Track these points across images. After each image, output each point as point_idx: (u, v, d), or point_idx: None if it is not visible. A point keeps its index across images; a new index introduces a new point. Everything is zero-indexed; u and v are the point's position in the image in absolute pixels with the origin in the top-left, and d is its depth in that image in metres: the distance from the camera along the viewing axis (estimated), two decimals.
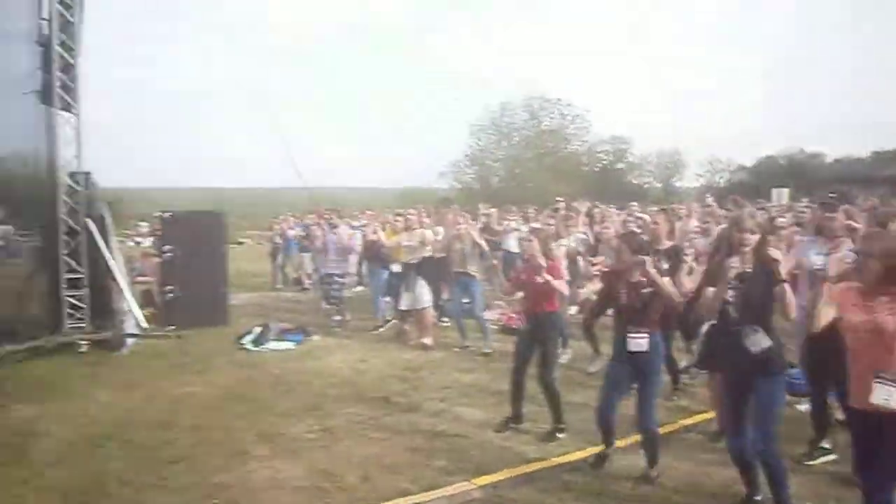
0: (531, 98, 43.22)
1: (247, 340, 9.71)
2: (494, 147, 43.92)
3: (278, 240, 16.76)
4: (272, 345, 9.61)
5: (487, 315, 10.49)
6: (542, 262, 5.94)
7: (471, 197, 34.72)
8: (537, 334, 6.05)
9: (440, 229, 10.60)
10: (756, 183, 35.74)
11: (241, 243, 28.00)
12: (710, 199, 13.98)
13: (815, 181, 33.32)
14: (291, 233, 16.37)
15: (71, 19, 9.57)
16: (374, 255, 11.42)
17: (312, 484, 5.02)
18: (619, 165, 45.51)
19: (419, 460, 5.45)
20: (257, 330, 9.92)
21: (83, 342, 9.47)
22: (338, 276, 11.29)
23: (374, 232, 11.19)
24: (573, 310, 9.53)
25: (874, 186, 26.42)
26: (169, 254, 11.20)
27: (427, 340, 9.48)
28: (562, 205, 13.19)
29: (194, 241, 11.16)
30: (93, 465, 5.39)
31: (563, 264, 7.38)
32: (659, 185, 46.11)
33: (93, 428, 6.28)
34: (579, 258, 9.33)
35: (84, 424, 6.38)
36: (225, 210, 13.28)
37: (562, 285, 6.05)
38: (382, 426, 6.28)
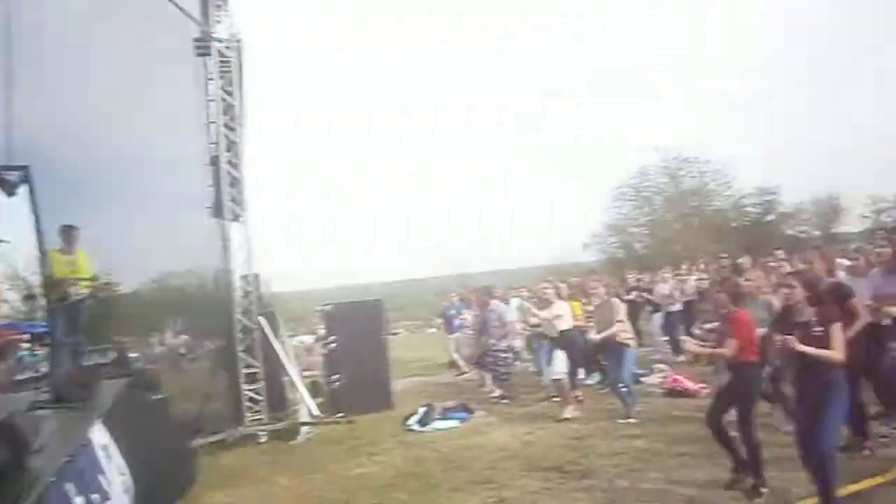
0: (668, 159, 42.28)
1: (412, 421, 9.86)
2: (636, 213, 43.00)
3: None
4: (438, 424, 9.69)
5: (651, 379, 10.40)
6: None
7: (617, 266, 33.95)
8: (739, 387, 5.79)
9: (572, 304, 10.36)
10: None
11: (396, 333, 28.83)
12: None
13: None
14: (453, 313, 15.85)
15: (235, 139, 10.65)
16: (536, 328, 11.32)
17: None
18: (770, 217, 42.96)
19: None
20: (422, 410, 10.06)
21: (262, 433, 10.04)
22: (503, 351, 11.30)
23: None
24: None
25: None
26: (333, 343, 11.77)
27: (567, 413, 9.18)
28: (726, 261, 12.17)
29: (356, 330, 11.68)
30: None
31: None
32: (817, 232, 42.98)
33: None
34: None
35: None
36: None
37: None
38: (558, 495, 6.18)
